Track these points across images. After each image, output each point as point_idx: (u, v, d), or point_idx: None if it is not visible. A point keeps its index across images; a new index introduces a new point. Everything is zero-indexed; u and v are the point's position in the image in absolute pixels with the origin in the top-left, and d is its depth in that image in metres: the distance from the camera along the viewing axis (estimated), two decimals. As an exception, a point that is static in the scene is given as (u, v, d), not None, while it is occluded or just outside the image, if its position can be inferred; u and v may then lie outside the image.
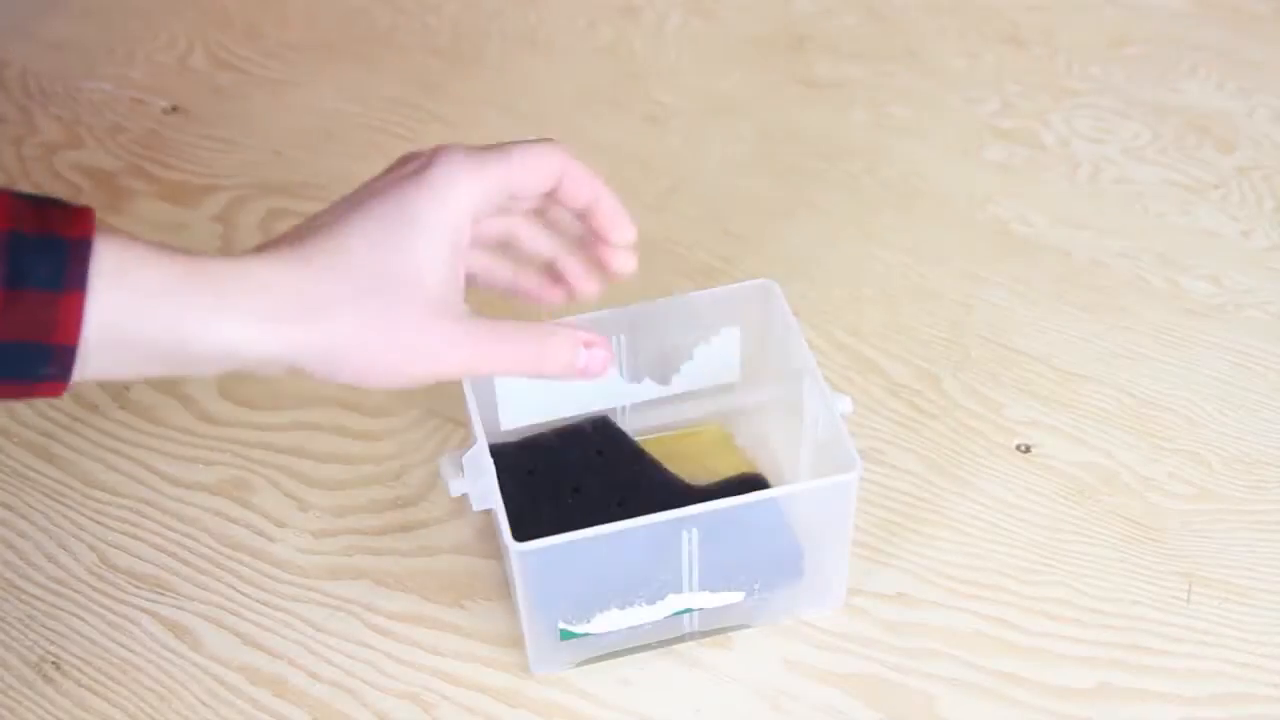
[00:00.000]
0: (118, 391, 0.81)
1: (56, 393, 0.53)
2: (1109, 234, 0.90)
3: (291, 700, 0.67)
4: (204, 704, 0.67)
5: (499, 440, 0.68)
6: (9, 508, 0.75)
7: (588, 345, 0.60)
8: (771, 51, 1.05)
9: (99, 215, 0.53)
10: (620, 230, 0.63)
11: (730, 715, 0.66)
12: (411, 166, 0.58)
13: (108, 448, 0.78)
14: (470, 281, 0.62)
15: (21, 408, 0.80)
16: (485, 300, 0.63)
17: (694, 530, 0.63)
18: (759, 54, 1.05)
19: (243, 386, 0.81)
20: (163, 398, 0.81)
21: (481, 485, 0.64)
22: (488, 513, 0.68)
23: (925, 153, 0.96)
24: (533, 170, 0.60)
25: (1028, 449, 0.77)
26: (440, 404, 0.79)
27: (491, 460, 0.63)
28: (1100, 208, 0.92)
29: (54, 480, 0.77)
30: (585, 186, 0.61)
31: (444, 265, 0.57)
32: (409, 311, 0.56)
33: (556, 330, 0.60)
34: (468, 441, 0.69)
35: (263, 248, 0.56)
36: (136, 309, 0.52)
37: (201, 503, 0.75)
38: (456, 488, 0.64)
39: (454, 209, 0.57)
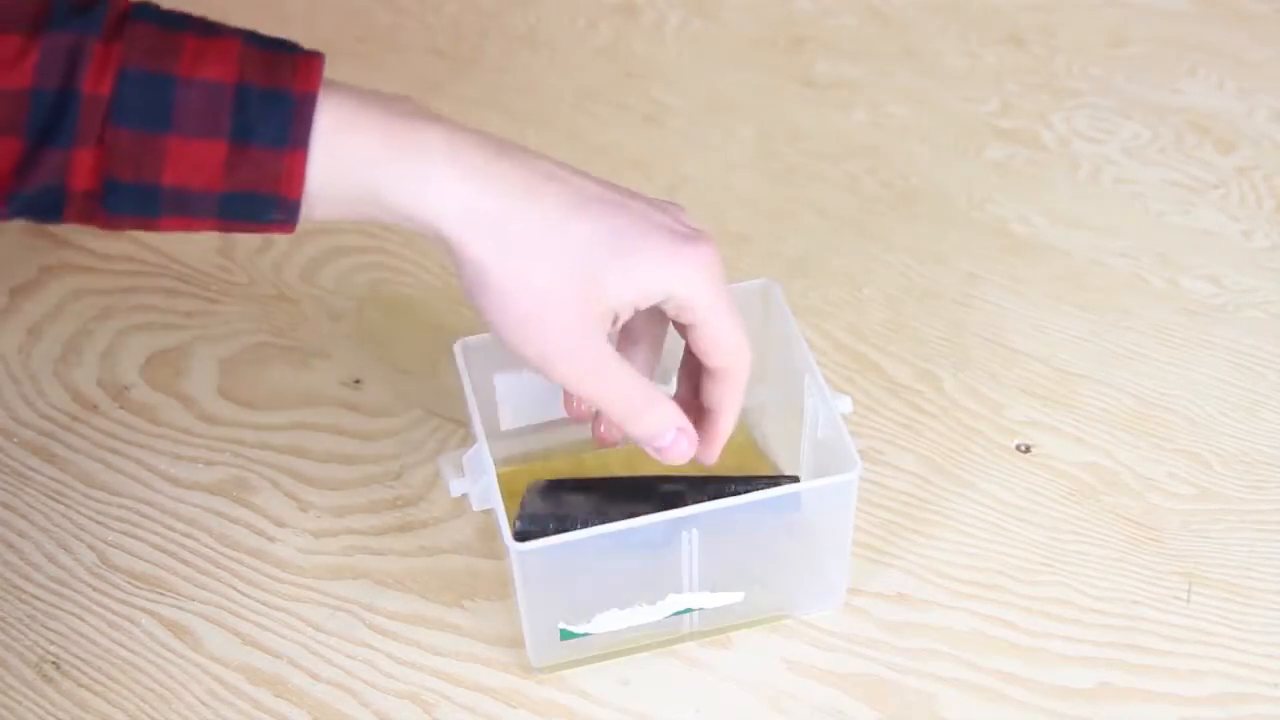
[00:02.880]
0: (118, 391, 0.81)
1: (286, 230, 0.55)
2: (1109, 234, 0.90)
3: (291, 700, 0.67)
4: (204, 704, 0.67)
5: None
6: (9, 508, 0.75)
7: (679, 430, 0.61)
8: (771, 51, 1.05)
9: None
10: (704, 453, 0.63)
11: (730, 715, 0.66)
12: (677, 226, 0.58)
13: (108, 448, 0.78)
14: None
15: (22, 407, 0.80)
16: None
17: (694, 530, 0.63)
18: (759, 54, 1.05)
19: (243, 386, 0.81)
20: (163, 398, 0.81)
21: (481, 485, 0.64)
22: (488, 513, 0.68)
23: (925, 153, 0.96)
24: (718, 342, 0.60)
25: (1028, 449, 0.77)
26: (440, 404, 0.79)
27: (492, 461, 0.63)
28: (1100, 208, 0.92)
29: (54, 480, 0.77)
30: (727, 396, 0.62)
31: (620, 307, 0.58)
32: (569, 296, 0.56)
33: (665, 401, 0.60)
34: (468, 441, 0.69)
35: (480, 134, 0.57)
36: (343, 172, 0.54)
37: (201, 503, 0.75)
38: (456, 488, 0.64)
39: (660, 289, 0.58)
